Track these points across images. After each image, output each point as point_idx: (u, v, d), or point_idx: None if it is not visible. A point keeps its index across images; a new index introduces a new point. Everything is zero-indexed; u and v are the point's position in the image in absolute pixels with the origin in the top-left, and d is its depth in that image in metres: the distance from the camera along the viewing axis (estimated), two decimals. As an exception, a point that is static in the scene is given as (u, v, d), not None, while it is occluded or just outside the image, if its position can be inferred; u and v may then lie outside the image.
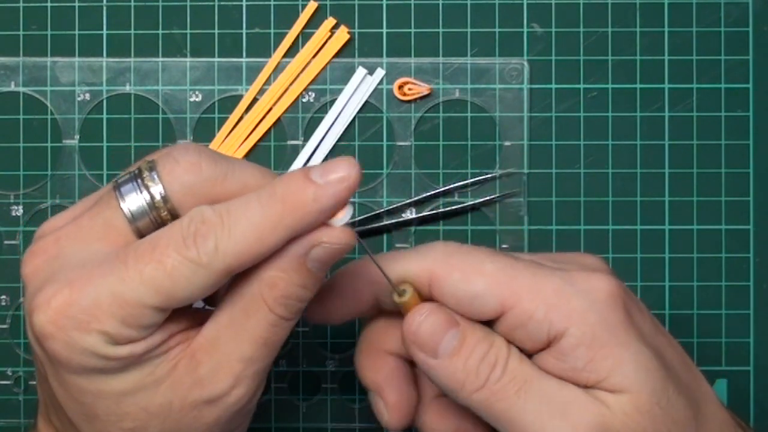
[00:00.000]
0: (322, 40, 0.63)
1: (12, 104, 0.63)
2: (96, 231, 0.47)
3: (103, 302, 0.44)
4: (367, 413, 0.62)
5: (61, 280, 0.45)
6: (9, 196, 0.63)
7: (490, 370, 0.47)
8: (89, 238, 0.46)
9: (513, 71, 0.63)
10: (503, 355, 0.47)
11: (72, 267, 0.45)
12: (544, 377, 0.47)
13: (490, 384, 0.47)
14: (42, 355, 0.46)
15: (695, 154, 0.63)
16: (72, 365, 0.45)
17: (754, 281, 0.63)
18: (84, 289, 0.45)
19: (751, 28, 0.63)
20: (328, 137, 0.62)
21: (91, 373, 0.45)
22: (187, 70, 0.63)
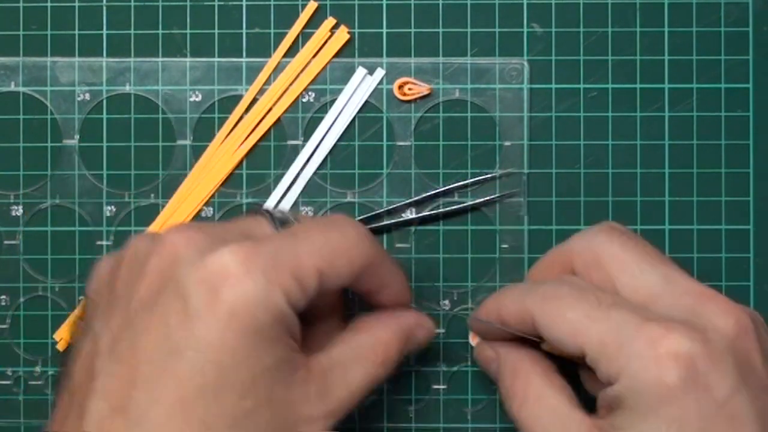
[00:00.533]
0: (322, 40, 0.63)
1: (12, 104, 0.63)
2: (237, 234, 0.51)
3: (283, 259, 0.48)
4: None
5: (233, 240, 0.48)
6: (9, 196, 0.63)
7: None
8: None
9: (513, 71, 0.63)
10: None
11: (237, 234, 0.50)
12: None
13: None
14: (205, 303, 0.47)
15: (695, 154, 0.63)
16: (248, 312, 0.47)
17: (754, 281, 0.63)
18: (263, 244, 0.48)
19: (751, 28, 0.63)
20: (328, 137, 0.62)
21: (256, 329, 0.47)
22: (187, 70, 0.63)
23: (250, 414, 0.47)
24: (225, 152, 0.62)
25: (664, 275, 0.51)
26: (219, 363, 0.46)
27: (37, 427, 0.63)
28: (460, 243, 0.63)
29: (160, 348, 0.47)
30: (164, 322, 0.48)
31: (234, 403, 0.47)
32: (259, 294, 0.47)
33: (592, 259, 0.53)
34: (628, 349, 0.48)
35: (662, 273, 0.51)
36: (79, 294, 0.63)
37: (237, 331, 0.46)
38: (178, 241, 0.49)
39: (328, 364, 0.51)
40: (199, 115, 0.63)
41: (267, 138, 0.63)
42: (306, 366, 0.50)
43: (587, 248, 0.54)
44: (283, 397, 0.48)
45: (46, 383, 0.63)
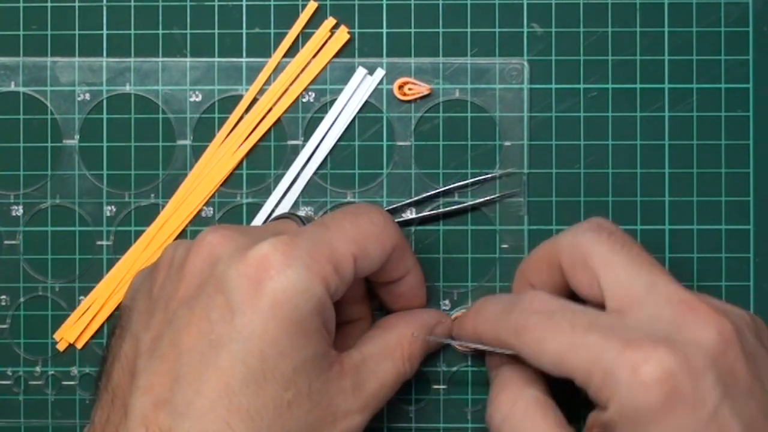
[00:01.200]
0: (322, 40, 0.63)
1: (12, 104, 0.63)
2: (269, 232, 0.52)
3: (320, 248, 0.50)
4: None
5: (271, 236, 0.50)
6: (9, 196, 0.63)
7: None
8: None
9: (513, 71, 0.63)
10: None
11: (274, 233, 0.51)
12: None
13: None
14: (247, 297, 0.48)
15: (695, 154, 0.63)
16: (290, 302, 0.48)
17: (754, 281, 0.63)
18: (300, 236, 0.50)
19: (751, 28, 0.63)
20: (328, 137, 0.62)
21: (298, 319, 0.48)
22: (187, 70, 0.63)
23: (292, 405, 0.48)
24: (225, 152, 0.62)
25: (649, 281, 0.51)
26: (262, 354, 0.47)
27: (37, 427, 0.63)
28: (460, 243, 0.63)
29: (202, 342, 0.48)
30: (205, 317, 0.49)
31: (276, 394, 0.48)
32: (300, 283, 0.48)
33: (579, 258, 0.53)
34: (612, 379, 0.48)
35: (647, 279, 0.51)
36: (80, 294, 0.63)
37: (279, 321, 0.48)
38: (215, 241, 0.50)
39: (359, 360, 0.53)
40: (200, 115, 0.63)
41: (267, 138, 0.63)
42: (340, 361, 0.51)
43: (575, 247, 0.54)
44: (322, 390, 0.49)
45: (46, 383, 0.63)
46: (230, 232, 0.51)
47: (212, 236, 0.51)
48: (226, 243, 0.50)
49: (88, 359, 0.62)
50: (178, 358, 0.48)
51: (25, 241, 0.63)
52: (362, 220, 0.53)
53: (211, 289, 0.49)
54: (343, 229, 0.51)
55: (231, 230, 0.51)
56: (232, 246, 0.50)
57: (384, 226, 0.53)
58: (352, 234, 0.51)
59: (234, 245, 0.50)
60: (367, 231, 0.52)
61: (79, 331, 0.62)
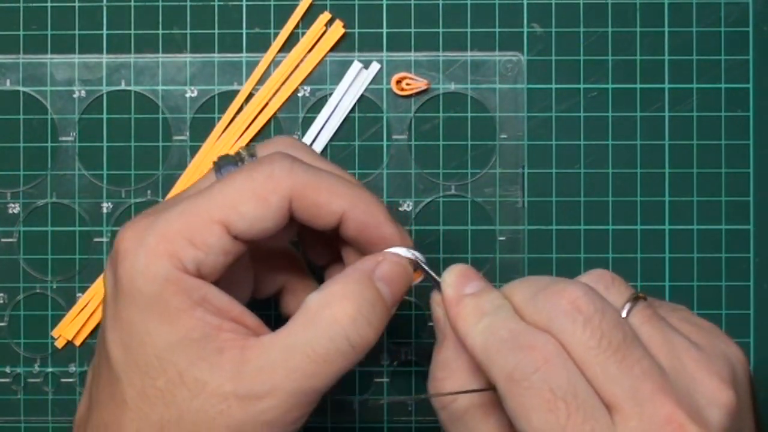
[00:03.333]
0: (317, 35, 0.63)
1: (8, 102, 0.63)
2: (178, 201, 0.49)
3: (173, 223, 0.47)
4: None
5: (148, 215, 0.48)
6: (6, 194, 0.63)
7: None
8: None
9: (508, 63, 0.63)
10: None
11: (162, 209, 0.48)
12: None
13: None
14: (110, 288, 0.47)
15: (695, 154, 0.63)
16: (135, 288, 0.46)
17: (754, 281, 0.63)
18: (161, 214, 0.47)
19: (751, 28, 0.63)
20: (324, 131, 0.63)
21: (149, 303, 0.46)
22: (183, 67, 0.63)
23: (166, 394, 0.46)
24: (222, 148, 0.62)
25: (631, 388, 0.45)
26: (123, 343, 0.47)
27: (36, 424, 0.63)
28: (460, 243, 0.63)
29: (99, 338, 0.49)
30: (102, 309, 0.49)
31: (147, 383, 0.46)
32: (138, 264, 0.46)
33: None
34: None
35: (629, 384, 0.45)
36: (78, 291, 0.63)
37: (132, 308, 0.46)
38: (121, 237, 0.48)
39: (269, 346, 0.47)
40: (196, 111, 0.63)
41: (264, 133, 0.63)
42: (240, 345, 0.47)
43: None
44: (202, 377, 0.46)
45: (45, 381, 0.63)
46: (135, 223, 0.49)
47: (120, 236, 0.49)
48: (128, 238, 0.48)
49: (87, 356, 0.63)
50: (94, 354, 0.50)
51: (23, 239, 0.63)
52: (239, 178, 0.48)
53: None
54: (210, 195, 0.47)
55: (139, 219, 0.49)
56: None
57: (267, 177, 0.48)
58: (218, 198, 0.47)
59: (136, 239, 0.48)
60: (240, 190, 0.47)
61: (77, 328, 0.62)
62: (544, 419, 0.44)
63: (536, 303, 0.46)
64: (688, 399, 0.44)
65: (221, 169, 0.50)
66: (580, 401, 0.44)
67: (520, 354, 0.45)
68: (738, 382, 0.46)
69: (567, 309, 0.45)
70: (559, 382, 0.44)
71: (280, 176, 0.48)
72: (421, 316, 0.63)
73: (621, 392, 0.44)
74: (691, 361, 0.45)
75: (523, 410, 0.44)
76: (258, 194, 0.47)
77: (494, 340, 0.46)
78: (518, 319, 0.47)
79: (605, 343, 0.44)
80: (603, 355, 0.44)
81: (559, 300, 0.45)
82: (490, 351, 0.46)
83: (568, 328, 0.45)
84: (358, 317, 0.47)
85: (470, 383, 0.49)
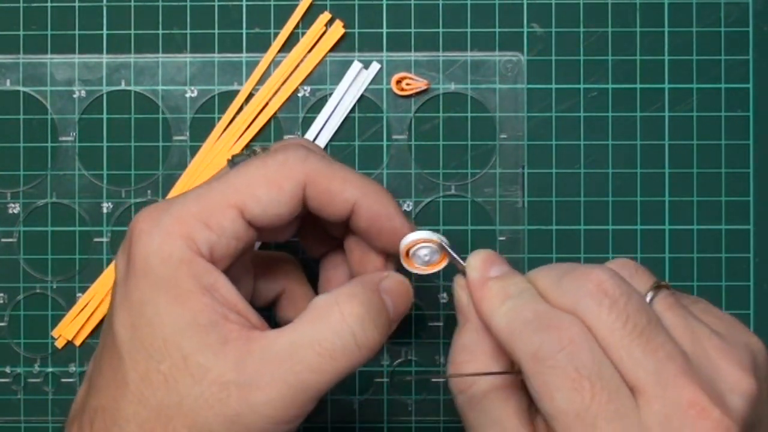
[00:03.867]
0: (317, 35, 0.63)
1: (8, 102, 0.63)
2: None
3: (189, 206, 0.47)
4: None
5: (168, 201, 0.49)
6: (6, 195, 0.63)
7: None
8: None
9: (508, 63, 0.63)
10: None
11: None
12: None
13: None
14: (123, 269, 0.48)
15: (695, 154, 0.63)
16: (149, 266, 0.47)
17: (754, 281, 0.63)
18: (177, 199, 0.48)
19: (751, 28, 0.63)
20: (324, 131, 0.63)
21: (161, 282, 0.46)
22: (183, 67, 0.63)
23: (168, 378, 0.46)
24: (222, 148, 0.62)
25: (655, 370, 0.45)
26: (132, 325, 0.47)
27: (36, 425, 0.63)
28: (460, 243, 0.63)
29: (106, 321, 0.49)
30: (112, 294, 0.49)
31: (150, 366, 0.46)
32: (153, 243, 0.47)
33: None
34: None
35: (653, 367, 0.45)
36: (78, 291, 0.63)
37: (144, 288, 0.47)
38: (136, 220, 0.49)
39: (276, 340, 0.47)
40: (196, 111, 0.63)
41: (264, 133, 0.63)
42: (245, 336, 0.47)
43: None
44: (205, 364, 0.46)
45: (45, 381, 0.63)
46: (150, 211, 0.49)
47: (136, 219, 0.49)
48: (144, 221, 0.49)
49: (87, 356, 0.63)
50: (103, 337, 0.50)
51: (23, 239, 0.63)
52: (253, 165, 0.49)
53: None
54: (226, 180, 0.49)
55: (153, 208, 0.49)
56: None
57: (281, 164, 0.49)
58: (234, 183, 0.48)
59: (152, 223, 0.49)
60: (255, 175, 0.48)
61: (77, 328, 0.62)
62: (569, 398, 0.44)
63: (561, 286, 0.47)
64: (710, 384, 0.45)
65: (236, 163, 0.51)
66: (605, 382, 0.44)
67: (545, 334, 0.45)
68: (759, 371, 0.47)
69: (593, 291, 0.46)
70: (584, 361, 0.44)
71: (294, 163, 0.49)
72: (421, 316, 0.63)
73: (645, 375, 0.44)
74: (713, 348, 0.46)
75: (548, 389, 0.45)
76: (272, 179, 0.48)
77: (519, 321, 0.47)
78: (543, 301, 0.47)
79: (630, 326, 0.45)
80: (628, 337, 0.45)
81: (585, 283, 0.46)
82: (514, 332, 0.46)
83: (593, 310, 0.45)
84: (365, 317, 0.48)
85: (491, 367, 0.49)
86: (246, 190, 0.48)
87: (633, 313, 0.45)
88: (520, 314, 0.47)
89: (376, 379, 0.63)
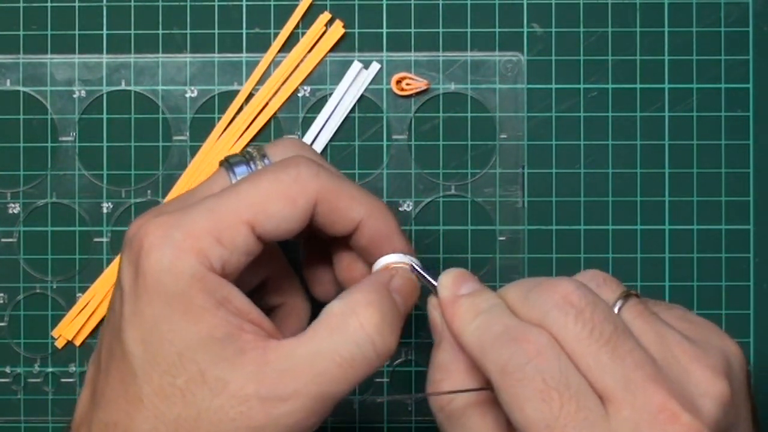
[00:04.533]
0: (317, 35, 0.63)
1: (8, 102, 0.63)
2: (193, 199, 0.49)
3: (200, 221, 0.47)
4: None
5: (171, 211, 0.48)
6: (6, 194, 0.63)
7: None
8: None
9: (508, 63, 0.63)
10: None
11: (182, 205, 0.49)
12: None
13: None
14: (130, 283, 0.47)
15: (695, 154, 0.63)
16: (159, 283, 0.46)
17: (754, 281, 0.63)
18: (187, 212, 0.47)
19: (751, 28, 0.63)
20: (324, 131, 0.63)
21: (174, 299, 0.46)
22: (183, 67, 0.63)
23: (186, 393, 0.46)
24: (222, 148, 0.62)
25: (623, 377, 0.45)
26: (144, 340, 0.46)
27: (36, 425, 0.63)
28: (460, 243, 0.63)
29: (110, 333, 0.48)
30: (111, 308, 0.49)
31: (165, 380, 0.46)
32: (166, 260, 0.46)
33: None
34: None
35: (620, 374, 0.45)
36: (78, 291, 0.63)
37: (156, 304, 0.46)
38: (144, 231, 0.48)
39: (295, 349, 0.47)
40: (195, 112, 0.63)
41: (264, 133, 0.63)
42: (262, 346, 0.47)
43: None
44: (224, 377, 0.46)
45: (45, 381, 0.63)
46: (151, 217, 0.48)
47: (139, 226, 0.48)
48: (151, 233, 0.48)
49: (87, 356, 0.63)
50: (98, 348, 0.49)
51: (23, 239, 0.63)
52: (266, 178, 0.48)
53: (117, 282, 0.49)
54: (237, 194, 0.48)
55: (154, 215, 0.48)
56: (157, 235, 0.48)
57: (295, 179, 0.48)
58: (246, 198, 0.48)
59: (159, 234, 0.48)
60: (268, 190, 0.48)
61: (77, 328, 0.62)
62: (538, 409, 0.44)
63: (529, 299, 0.47)
64: (680, 389, 0.45)
65: (233, 168, 0.51)
66: (573, 391, 0.44)
67: (513, 347, 0.45)
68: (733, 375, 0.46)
69: (559, 303, 0.46)
70: (551, 372, 0.44)
71: (307, 179, 0.48)
72: (421, 316, 0.62)
73: (613, 382, 0.44)
74: (683, 353, 0.46)
75: (517, 401, 0.45)
76: (286, 195, 0.48)
77: (488, 336, 0.46)
78: (512, 315, 0.47)
79: (597, 334, 0.45)
80: (595, 345, 0.45)
81: (552, 295, 0.46)
82: (484, 346, 0.46)
83: (560, 321, 0.45)
84: (383, 324, 0.48)
85: (467, 383, 0.49)
86: (259, 206, 0.48)
87: (599, 321, 0.45)
88: (489, 329, 0.47)
89: (376, 379, 0.63)
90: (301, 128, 0.63)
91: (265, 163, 0.51)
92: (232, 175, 0.51)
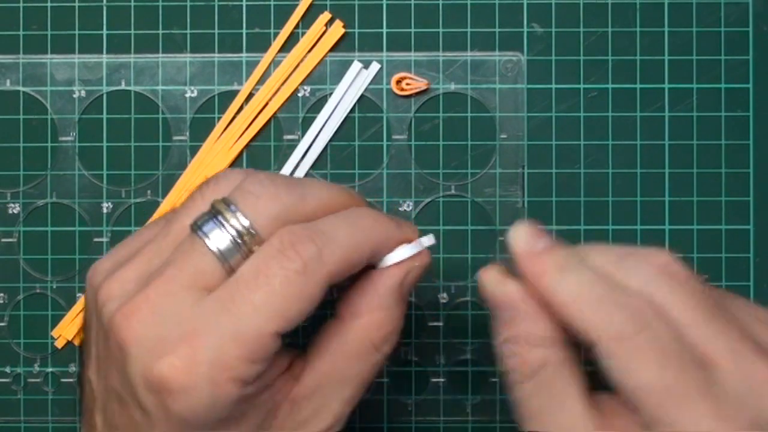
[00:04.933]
0: (317, 35, 0.63)
1: (8, 102, 0.63)
2: (186, 280, 0.46)
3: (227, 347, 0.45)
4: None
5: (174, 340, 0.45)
6: (6, 194, 0.63)
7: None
8: (180, 290, 0.46)
9: (508, 63, 0.63)
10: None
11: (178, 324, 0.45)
12: None
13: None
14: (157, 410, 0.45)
15: (695, 154, 0.63)
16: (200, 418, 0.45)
17: (754, 281, 0.63)
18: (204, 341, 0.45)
19: (751, 28, 0.63)
20: (324, 131, 0.63)
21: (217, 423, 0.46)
22: (183, 67, 0.63)
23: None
24: (221, 148, 0.62)
25: (730, 349, 0.46)
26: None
27: (36, 425, 0.63)
28: (460, 243, 0.63)
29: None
30: (131, 413, 0.47)
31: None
32: (205, 402, 0.45)
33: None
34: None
35: (728, 345, 0.46)
36: (78, 291, 0.63)
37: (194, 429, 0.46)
38: (124, 336, 0.46)
39: (308, 394, 0.49)
40: (195, 112, 0.63)
41: (264, 133, 0.63)
42: (291, 400, 0.48)
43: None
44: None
45: (45, 381, 0.63)
46: (137, 329, 0.46)
47: (123, 333, 0.46)
48: (134, 345, 0.46)
49: (86, 357, 0.63)
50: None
51: (23, 239, 0.63)
52: (276, 282, 0.45)
53: (126, 388, 0.46)
54: (254, 307, 0.45)
55: (137, 323, 0.46)
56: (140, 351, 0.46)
57: (303, 274, 0.45)
58: (267, 310, 0.45)
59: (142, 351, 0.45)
60: (285, 295, 0.45)
61: (77, 328, 0.62)
62: (653, 377, 0.44)
63: (625, 265, 0.46)
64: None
65: (201, 228, 0.47)
66: (686, 360, 0.44)
67: (623, 312, 0.45)
68: None
69: (662, 271, 0.46)
70: (665, 340, 0.44)
71: (316, 268, 0.46)
72: (421, 316, 0.63)
73: (722, 352, 0.45)
74: (763, 332, 0.47)
75: (632, 367, 0.44)
76: (303, 294, 0.46)
77: (591, 297, 0.46)
78: (609, 278, 0.46)
79: (703, 305, 0.45)
80: (701, 316, 0.45)
81: (651, 263, 0.46)
82: (585, 307, 0.45)
83: (664, 289, 0.46)
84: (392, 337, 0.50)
85: (554, 349, 0.47)
86: (280, 316, 0.45)
87: (701, 293, 0.46)
88: (591, 290, 0.46)
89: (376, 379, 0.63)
90: (301, 128, 0.63)
91: (234, 213, 0.47)
92: (202, 233, 0.47)
